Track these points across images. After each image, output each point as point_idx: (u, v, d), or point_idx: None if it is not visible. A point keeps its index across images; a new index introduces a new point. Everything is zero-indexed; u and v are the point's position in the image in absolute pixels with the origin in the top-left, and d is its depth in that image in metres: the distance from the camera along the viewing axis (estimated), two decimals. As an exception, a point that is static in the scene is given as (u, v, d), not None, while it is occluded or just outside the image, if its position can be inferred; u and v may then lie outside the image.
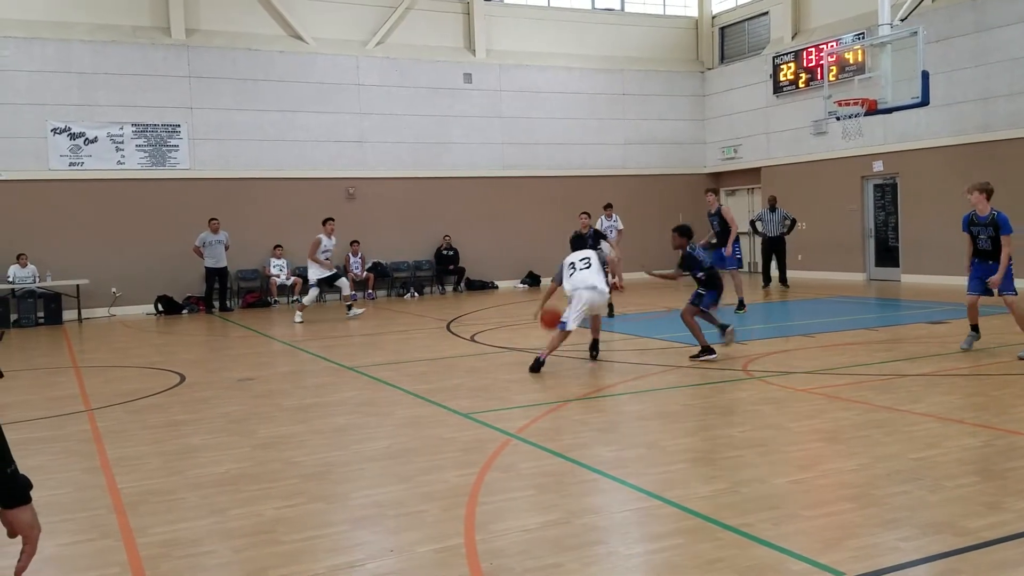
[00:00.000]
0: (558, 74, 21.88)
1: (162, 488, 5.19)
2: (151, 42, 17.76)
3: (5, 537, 2.22)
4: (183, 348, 12.31)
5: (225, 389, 8.59)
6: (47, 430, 6.98)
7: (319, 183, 19.14)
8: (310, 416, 7.17)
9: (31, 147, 16.69)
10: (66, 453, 6.23)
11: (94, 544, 4.28)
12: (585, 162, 22.19)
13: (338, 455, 5.88)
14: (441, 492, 4.89)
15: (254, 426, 6.89)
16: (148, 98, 17.63)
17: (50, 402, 8.21)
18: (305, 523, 4.48)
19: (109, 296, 17.27)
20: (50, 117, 16.84)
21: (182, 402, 8.01)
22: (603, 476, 5.11)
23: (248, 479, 5.35)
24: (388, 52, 20.04)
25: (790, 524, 4.20)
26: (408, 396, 7.82)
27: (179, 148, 17.94)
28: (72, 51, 17.04)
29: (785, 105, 21.20)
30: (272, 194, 18.72)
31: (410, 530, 4.32)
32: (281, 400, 7.90)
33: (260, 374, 9.48)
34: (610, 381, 8.25)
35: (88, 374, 9.95)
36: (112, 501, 4.94)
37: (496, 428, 6.36)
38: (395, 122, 19.99)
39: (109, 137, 17.32)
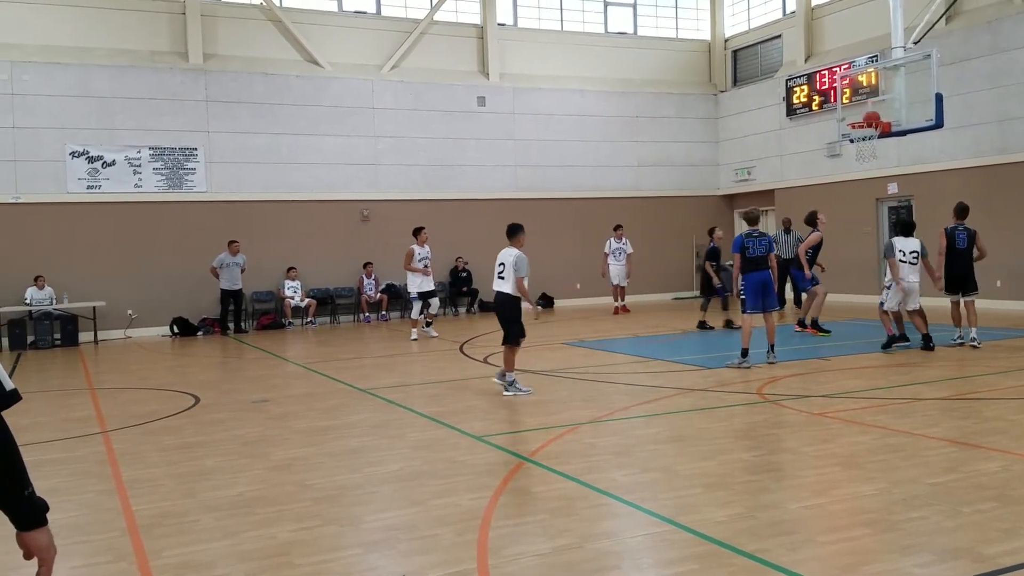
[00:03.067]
0: (571, 97, 22.00)
1: (176, 510, 5.20)
2: (169, 67, 18.01)
3: (21, 558, 2.23)
4: (198, 370, 12.36)
5: (239, 411, 8.61)
6: (62, 452, 7.02)
7: (333, 205, 19.27)
8: (323, 438, 7.17)
9: (50, 170, 16.90)
10: (81, 475, 6.25)
11: (109, 567, 4.29)
12: (598, 184, 22.24)
13: (351, 478, 5.87)
14: (454, 516, 4.87)
15: (268, 448, 6.90)
16: (165, 122, 17.84)
17: (66, 424, 8.26)
18: (318, 546, 4.48)
19: (125, 318, 17.39)
20: (69, 141, 17.07)
21: (196, 424, 8.03)
22: (616, 500, 5.08)
23: (262, 501, 5.35)
24: (403, 76, 20.23)
25: (806, 550, 4.16)
26: (421, 418, 7.81)
27: (196, 171, 18.13)
28: (91, 76, 17.29)
29: (798, 127, 21.21)
30: (287, 216, 18.85)
31: (423, 554, 4.31)
32: (294, 422, 7.91)
33: (274, 396, 9.50)
34: (623, 404, 8.22)
35: (103, 396, 10.01)
36: (127, 523, 4.96)
37: (509, 451, 6.34)
38: (409, 145, 20.13)
39: (127, 160, 17.53)
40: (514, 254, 8.82)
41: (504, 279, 8.84)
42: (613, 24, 23.03)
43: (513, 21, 21.88)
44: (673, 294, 22.69)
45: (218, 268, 17.15)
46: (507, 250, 8.94)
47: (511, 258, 8.81)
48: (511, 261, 8.78)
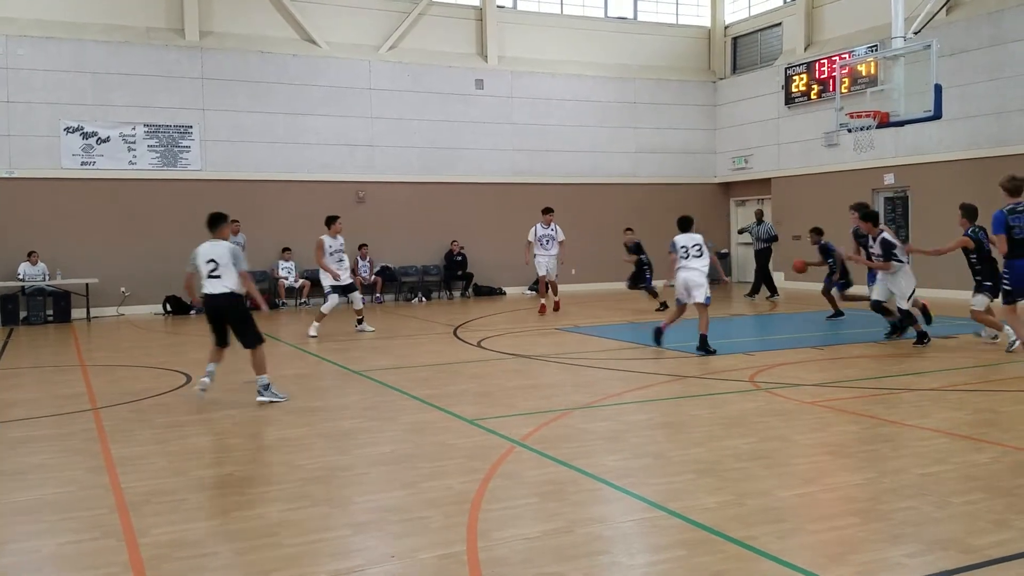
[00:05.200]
0: (569, 81, 21.90)
1: (166, 488, 5.19)
2: (165, 43, 17.86)
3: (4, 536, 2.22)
4: (191, 348, 12.32)
5: (231, 391, 8.59)
6: (52, 428, 7.00)
7: (329, 186, 19.19)
8: (315, 419, 7.16)
9: (44, 146, 16.79)
10: (71, 451, 6.23)
11: (96, 543, 4.27)
12: (595, 170, 22.18)
13: (342, 459, 5.87)
14: (444, 498, 4.87)
15: (259, 428, 6.89)
16: (161, 99, 17.71)
17: (56, 400, 8.23)
18: (308, 527, 4.47)
19: (118, 295, 17.33)
20: (63, 116, 16.94)
21: (188, 403, 8.01)
22: (607, 485, 5.09)
23: (251, 481, 5.34)
24: (400, 57, 20.10)
25: (795, 538, 4.17)
26: (413, 401, 7.80)
27: (191, 149, 18.03)
28: (87, 51, 17.14)
29: (796, 116, 21.16)
30: (282, 197, 18.77)
31: (412, 536, 4.31)
32: (286, 403, 7.89)
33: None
34: (616, 390, 8.22)
35: (95, 373, 9.98)
36: (116, 500, 4.94)
37: (500, 435, 6.34)
38: (406, 127, 20.03)
39: (121, 137, 17.41)
40: (226, 247, 7.80)
41: (220, 277, 7.70)
42: (613, 8, 22.90)
43: (512, 3, 21.74)
44: (668, 281, 22.73)
45: None
46: (212, 244, 7.82)
47: (224, 253, 7.73)
48: (226, 256, 7.72)
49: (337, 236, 13.39)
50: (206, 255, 7.76)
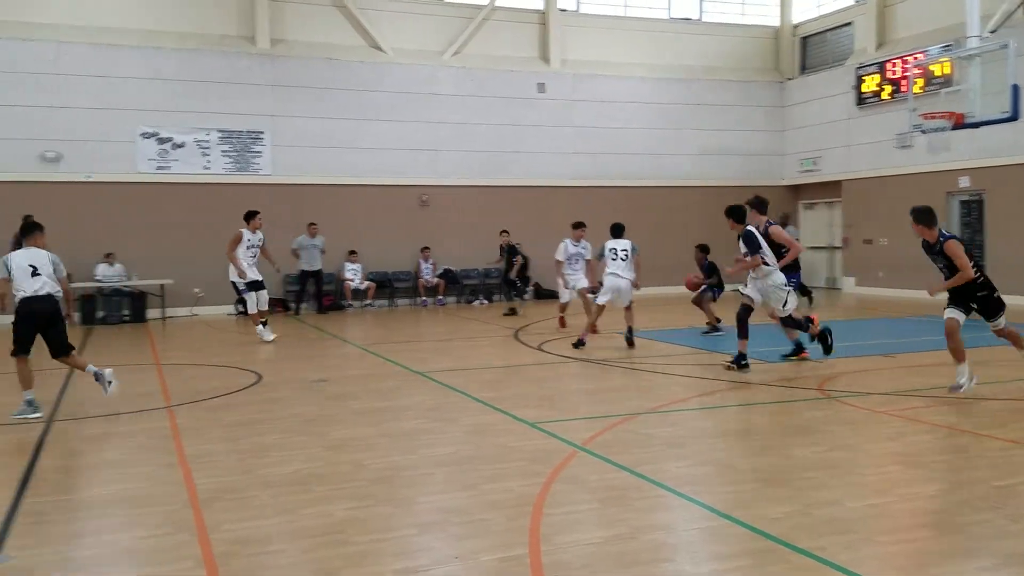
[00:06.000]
0: (632, 83, 21.77)
1: (235, 485, 5.33)
2: (238, 51, 18.36)
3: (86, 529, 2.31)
4: (260, 348, 12.62)
5: (299, 390, 8.78)
6: (129, 425, 7.25)
7: (393, 190, 19.45)
8: (379, 419, 7.27)
9: (121, 151, 17.40)
10: (146, 448, 6.45)
11: (170, 538, 4.41)
12: (657, 172, 21.99)
13: (405, 459, 5.95)
14: (506, 501, 4.89)
15: (325, 427, 7.03)
16: (233, 105, 18.21)
17: (132, 398, 8.51)
18: (372, 526, 4.55)
19: (192, 296, 17.85)
20: (140, 122, 17.54)
21: (257, 401, 8.22)
22: (671, 492, 5.04)
23: (318, 479, 5.45)
24: (463, 62, 20.27)
25: (864, 549, 4.07)
26: (475, 403, 7.85)
27: (262, 154, 18.50)
28: (163, 59, 17.72)
29: (868, 117, 20.62)
30: (348, 200, 19.09)
31: (475, 538, 4.34)
32: (351, 402, 8.03)
33: (332, 376, 9.66)
34: (679, 395, 8.14)
35: (169, 371, 10.30)
36: (188, 496, 5.10)
37: (562, 439, 6.34)
38: (468, 131, 20.18)
39: (196, 143, 17.96)
40: (48, 256, 7.78)
41: (43, 281, 7.64)
42: (677, 9, 22.67)
43: (575, 6, 21.72)
44: (732, 286, 22.40)
45: (298, 249, 17.60)
46: (33, 251, 7.77)
47: (46, 260, 7.73)
48: (47, 264, 7.71)
49: (256, 232, 12.82)
50: (27, 260, 7.71)
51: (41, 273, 7.69)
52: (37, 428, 6.99)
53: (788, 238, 9.96)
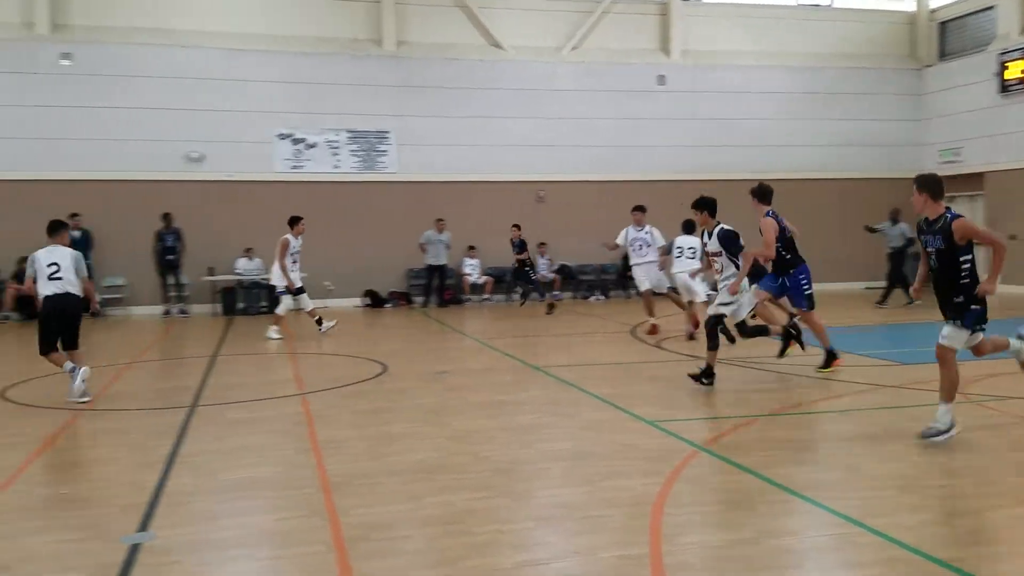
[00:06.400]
0: (756, 73, 21.13)
1: (364, 472, 5.54)
2: (366, 53, 19.00)
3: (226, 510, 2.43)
4: (386, 340, 13.05)
5: (422, 381, 9.02)
6: (265, 411, 7.65)
7: (511, 186, 19.64)
8: (498, 412, 7.38)
9: (259, 151, 18.33)
10: (281, 433, 6.79)
11: (304, 521, 4.63)
12: (784, 165, 21.23)
13: (523, 453, 6.02)
14: (625, 499, 4.88)
15: (447, 418, 7.19)
16: (362, 106, 18.85)
17: (269, 385, 8.98)
18: (493, 517, 4.63)
19: (323, 289, 18.63)
20: (276, 124, 18.43)
21: (384, 391, 8.50)
22: (797, 497, 4.90)
23: (441, 469, 5.59)
24: (582, 57, 20.23)
25: (1009, 562, 3.84)
26: (592, 399, 7.85)
27: (387, 153, 19.09)
28: (298, 63, 18.54)
29: (1013, 105, 19.25)
30: (468, 197, 19.42)
31: (594, 534, 4.35)
32: (471, 395, 8.19)
33: (453, 368, 9.87)
34: (808, 397, 7.87)
35: (302, 360, 10.79)
36: (320, 481, 5.33)
37: (682, 438, 6.25)
38: (587, 126, 20.13)
39: (327, 143, 18.73)
40: (71, 254, 8.13)
41: (62, 279, 7.98)
42: (805, -4, 21.84)
43: (698, -3, 21.30)
44: (864, 283, 21.38)
45: (425, 244, 18.13)
46: (57, 249, 8.12)
47: (68, 259, 8.06)
48: (69, 263, 8.05)
49: (299, 237, 13.09)
50: (48, 259, 8.03)
51: (62, 272, 8.01)
52: (181, 413, 7.48)
53: (769, 237, 8.68)
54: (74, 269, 8.09)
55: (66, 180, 17.07)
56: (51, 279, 8.00)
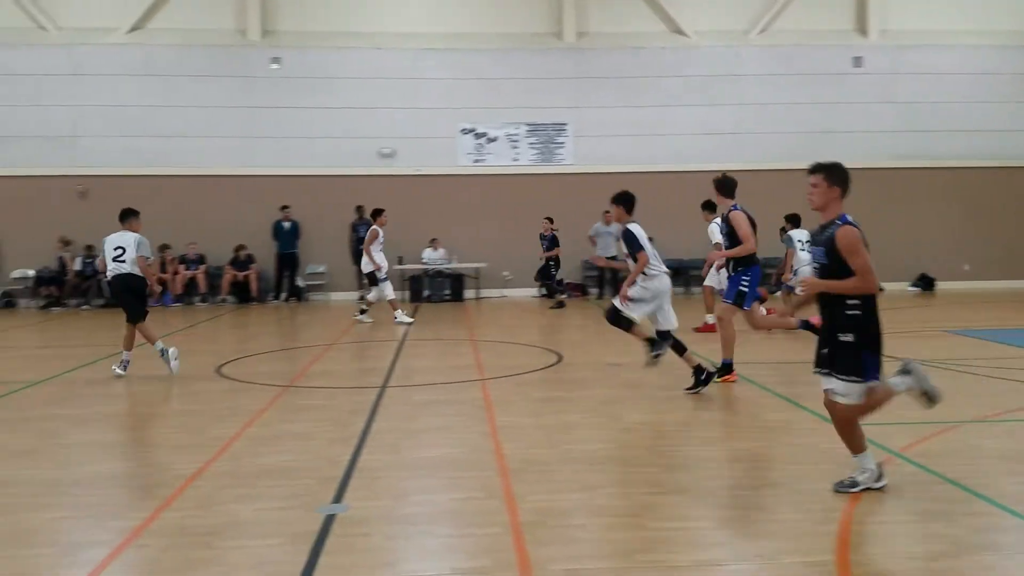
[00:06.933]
0: (964, 53, 19.40)
1: (541, 458, 5.64)
2: (546, 47, 19.22)
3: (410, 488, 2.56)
4: (561, 330, 13.19)
5: (597, 371, 9.05)
6: (449, 394, 7.97)
7: (690, 176, 19.19)
8: (673, 407, 7.27)
9: (444, 146, 19.05)
10: (463, 416, 7.05)
11: (482, 503, 4.80)
12: (996, 151, 19.42)
13: (701, 450, 5.90)
14: (810, 503, 4.67)
15: (621, 410, 7.18)
16: (540, 99, 19.12)
17: (452, 370, 9.34)
18: (668, 513, 4.58)
19: (501, 279, 19.13)
20: (460, 119, 19.06)
21: (560, 380, 8.61)
22: (1004, 511, 4.49)
23: (615, 461, 5.60)
24: (770, 40, 19.41)
25: None
26: (774, 398, 7.56)
27: (564, 145, 19.25)
28: (480, 59, 19.07)
29: None
30: (645, 187, 18.95)
31: (776, 538, 4.20)
32: (645, 388, 8.12)
33: (627, 361, 9.82)
34: (1017, 404, 7.18)
35: (483, 347, 11.13)
36: (498, 465, 5.49)
37: (876, 444, 5.88)
38: (772, 112, 19.32)
39: (507, 137, 19.15)
40: (135, 238, 9.06)
41: (124, 262, 8.99)
42: (1028, -37, 19.79)
43: (901, -30, 19.82)
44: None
45: (594, 236, 18.20)
46: (123, 233, 9.10)
47: (130, 241, 9.03)
48: (132, 246, 9.02)
49: (383, 227, 13.85)
50: (114, 243, 9.04)
51: (125, 255, 9.01)
52: (373, 393, 7.93)
53: (746, 230, 8.15)
54: (136, 253, 9.08)
55: (275, 175, 18.54)
56: (115, 261, 9.04)
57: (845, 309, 4.66)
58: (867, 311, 4.66)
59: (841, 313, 4.68)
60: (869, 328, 4.66)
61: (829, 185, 4.81)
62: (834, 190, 4.81)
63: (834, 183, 4.81)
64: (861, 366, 4.64)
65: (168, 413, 7.58)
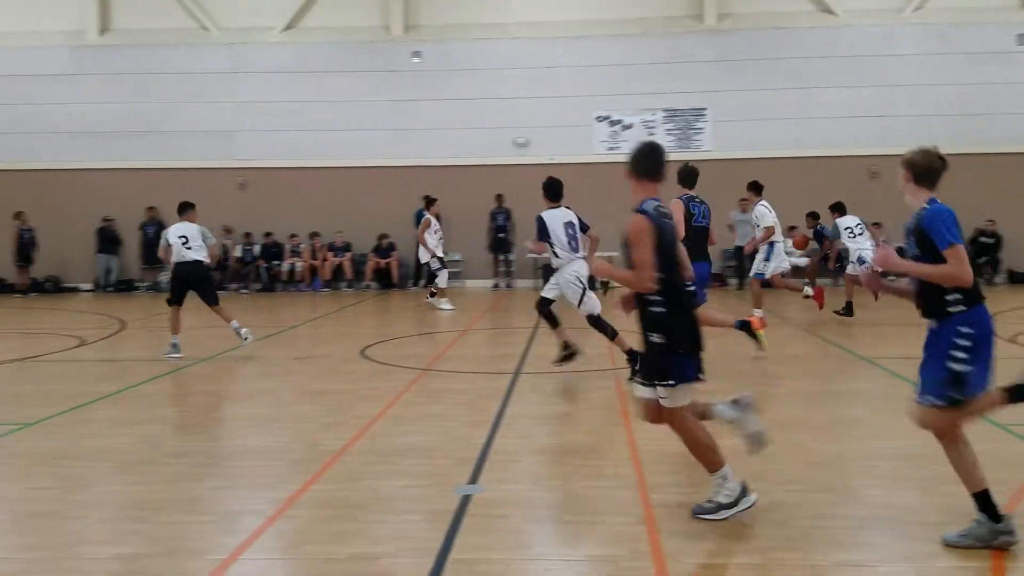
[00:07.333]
0: None
1: (674, 450, 5.45)
2: (683, 31, 18.83)
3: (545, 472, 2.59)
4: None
5: (737, 364, 8.82)
6: (581, 382, 7.98)
7: (839, 161, 18.35)
8: (819, 403, 7.02)
9: (579, 134, 19.03)
10: (597, 406, 7.05)
11: (616, 492, 4.77)
12: None
13: (847, 447, 5.68)
14: (964, 507, 4.39)
15: (764, 405, 6.94)
16: (678, 84, 18.76)
17: (586, 359, 9.30)
18: (810, 511, 4.43)
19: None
20: (595, 107, 18.98)
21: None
22: None
23: (754, 457, 5.45)
24: (925, 17, 18.25)
25: None
26: (930, 396, 7.14)
27: (703, 131, 18.81)
28: (613, 45, 18.91)
29: None
30: (788, 173, 18.49)
31: (927, 541, 3.99)
32: (789, 382, 7.87)
33: (768, 354, 9.51)
34: None
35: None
36: (632, 455, 5.44)
37: (1041, 447, 5.48)
38: (926, 94, 18.17)
39: (643, 123, 18.92)
40: (197, 228, 9.76)
41: (192, 249, 9.62)
42: None
43: (1081, -66, 18.16)
44: None
45: (732, 224, 17.82)
46: (185, 224, 9.75)
47: (196, 232, 9.71)
48: (196, 235, 9.69)
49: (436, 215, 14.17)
50: (180, 232, 9.69)
51: (191, 243, 9.60)
52: (507, 378, 8.06)
53: (677, 216, 7.86)
54: (201, 240, 9.71)
55: (415, 166, 19.10)
56: (184, 248, 9.67)
57: (649, 306, 4.23)
58: (672, 308, 4.20)
59: (646, 311, 4.25)
60: (676, 326, 4.20)
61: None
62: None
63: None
64: (667, 368, 4.18)
65: (316, 391, 7.99)
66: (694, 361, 4.24)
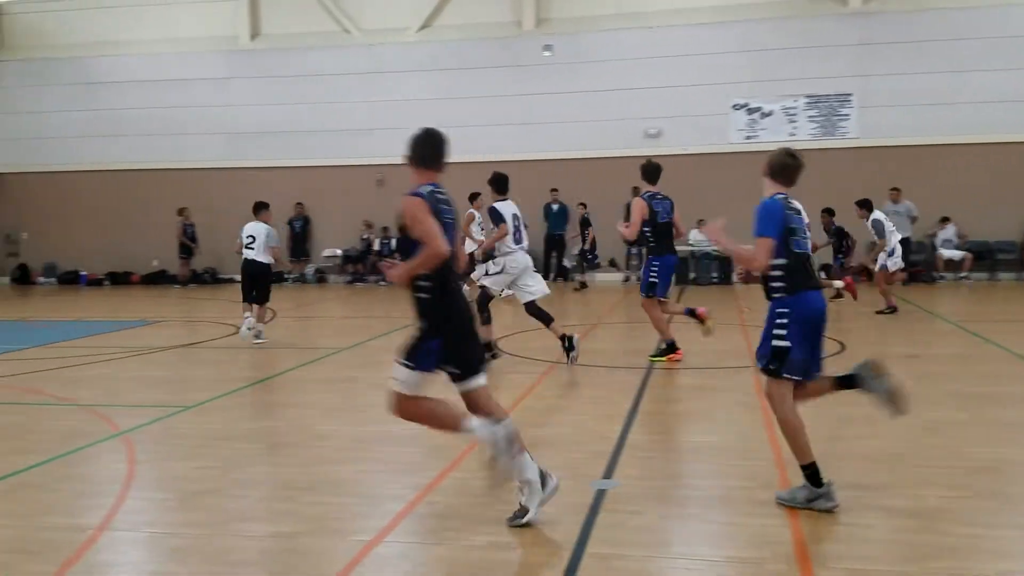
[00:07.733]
0: None
1: (819, 452, 5.30)
2: (825, 14, 17.99)
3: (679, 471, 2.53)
4: (843, 318, 12.33)
5: (889, 364, 8.35)
6: (716, 379, 7.82)
7: (995, 148, 17.06)
8: (977, 405, 6.57)
9: (714, 123, 18.53)
10: (733, 403, 6.88)
11: (756, 493, 4.63)
12: None
13: (1010, 452, 5.29)
14: None
15: (916, 406, 6.57)
16: (820, 69, 17.93)
17: (719, 354, 9.12)
18: (970, 519, 4.16)
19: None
20: (731, 95, 18.43)
21: (842, 369, 8.05)
22: None
23: (909, 460, 5.18)
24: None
25: None
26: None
27: (849, 117, 17.93)
28: (752, 30, 18.27)
29: None
30: (939, 161, 17.37)
31: (1107, 559, 3.66)
32: (944, 383, 7.41)
33: (923, 352, 9.02)
34: None
35: (753, 332, 10.72)
36: (774, 456, 5.27)
37: None
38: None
39: (783, 110, 18.22)
40: (263, 227, 10.15)
41: (254, 249, 10.10)
42: None
43: None
44: None
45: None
46: (255, 224, 10.20)
47: (261, 231, 10.13)
48: (261, 234, 10.10)
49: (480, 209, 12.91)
50: (247, 231, 10.15)
51: (255, 243, 10.06)
52: (640, 373, 7.97)
53: (635, 218, 8.43)
54: (265, 242, 10.12)
55: (545, 159, 19.14)
56: (246, 248, 10.17)
57: (416, 291, 4.14)
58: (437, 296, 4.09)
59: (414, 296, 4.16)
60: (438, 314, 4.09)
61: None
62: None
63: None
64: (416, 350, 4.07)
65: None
66: (446, 355, 4.11)
